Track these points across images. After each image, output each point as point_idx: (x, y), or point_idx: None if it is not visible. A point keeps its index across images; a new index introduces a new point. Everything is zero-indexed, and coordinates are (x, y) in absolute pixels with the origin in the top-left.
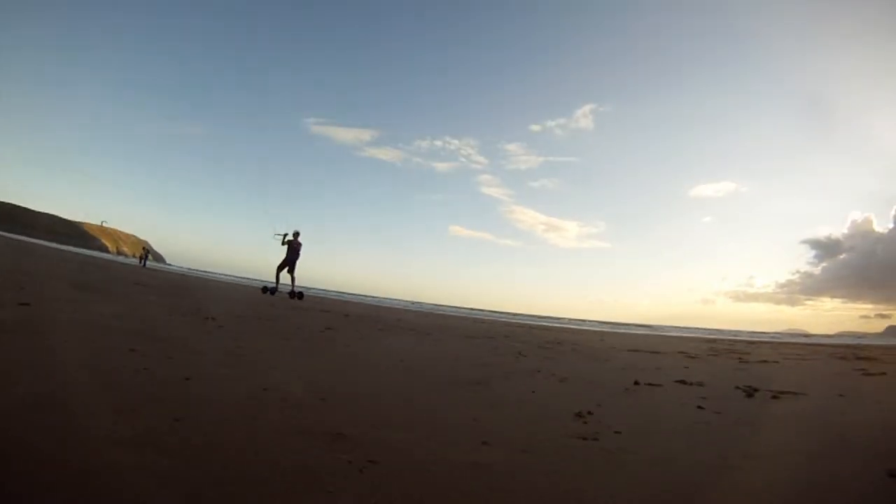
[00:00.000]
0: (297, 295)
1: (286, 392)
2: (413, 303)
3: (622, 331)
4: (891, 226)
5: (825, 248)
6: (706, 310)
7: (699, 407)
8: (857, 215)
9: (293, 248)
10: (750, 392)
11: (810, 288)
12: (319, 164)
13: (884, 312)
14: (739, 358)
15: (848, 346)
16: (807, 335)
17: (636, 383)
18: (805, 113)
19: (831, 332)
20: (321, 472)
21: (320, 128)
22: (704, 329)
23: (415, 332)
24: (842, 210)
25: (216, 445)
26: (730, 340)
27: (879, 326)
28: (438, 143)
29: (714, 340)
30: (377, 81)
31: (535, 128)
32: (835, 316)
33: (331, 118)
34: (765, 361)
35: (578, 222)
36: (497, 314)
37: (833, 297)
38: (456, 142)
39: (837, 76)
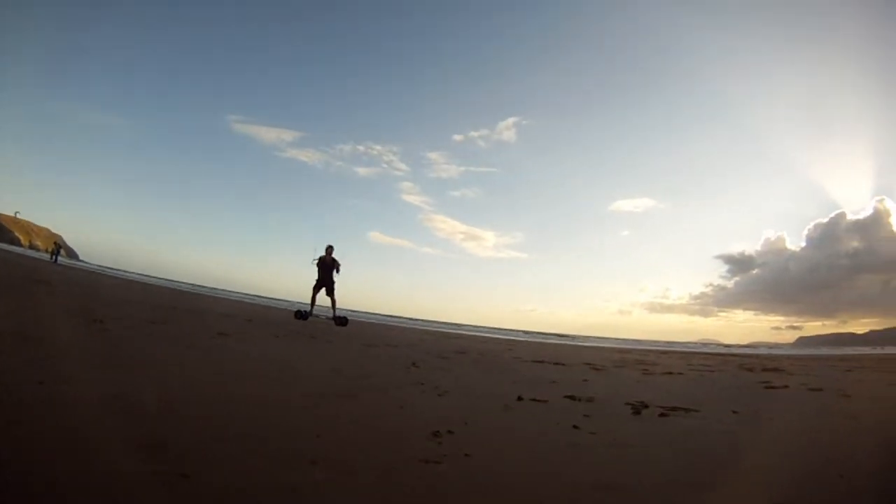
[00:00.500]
0: (339, 320)
1: (136, 399)
2: (327, 308)
3: (538, 340)
4: (803, 244)
5: (739, 264)
6: (623, 320)
7: (575, 427)
8: (770, 233)
9: (325, 266)
10: (638, 409)
11: (723, 300)
12: (239, 162)
13: (795, 324)
14: (645, 370)
15: (759, 357)
16: (725, 345)
17: (519, 399)
18: (724, 134)
19: (744, 342)
20: (125, 483)
21: (242, 126)
22: (622, 339)
23: (315, 338)
24: (756, 228)
25: (25, 451)
26: (643, 351)
27: (791, 337)
28: (361, 147)
29: (627, 351)
30: (303, 81)
31: (458, 137)
32: (747, 327)
33: (253, 116)
34: (669, 373)
35: (496, 232)
36: (414, 322)
37: (745, 309)
38: (379, 147)
39: (756, 101)
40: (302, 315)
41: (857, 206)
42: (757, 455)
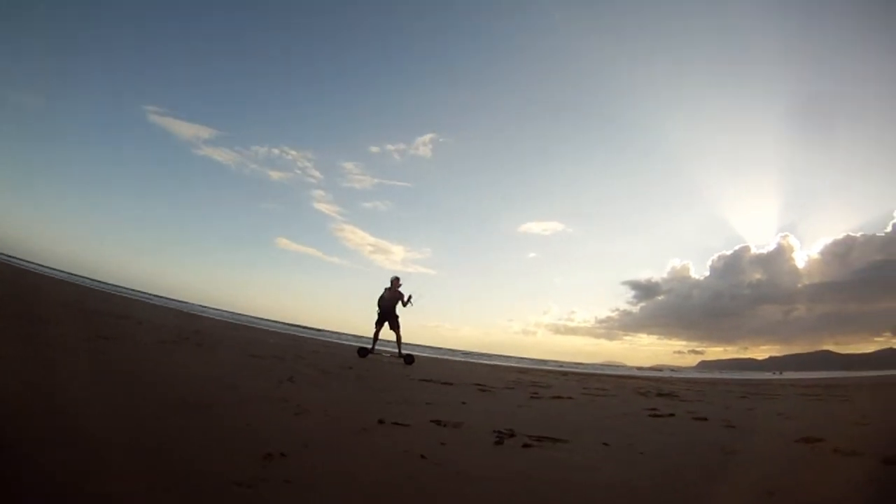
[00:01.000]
0: (406, 358)
1: None
2: (231, 313)
3: (439, 356)
4: (707, 274)
5: (645, 290)
6: (527, 340)
7: (422, 456)
8: (676, 262)
9: (383, 300)
10: (503, 438)
11: (628, 324)
12: (151, 155)
13: (697, 349)
14: (534, 393)
15: (658, 380)
16: (637, 367)
17: (381, 422)
18: (637, 165)
19: (647, 364)
20: None
21: (159, 118)
22: (527, 359)
23: (202, 346)
24: (663, 256)
25: None
26: (544, 372)
27: (693, 361)
28: (276, 151)
29: (527, 371)
30: (225, 78)
31: (374, 149)
32: (651, 350)
33: (172, 109)
34: (559, 397)
35: (405, 246)
36: (318, 333)
37: (650, 333)
38: (294, 152)
39: (671, 136)
40: (363, 353)
41: (762, 241)
42: (603, 496)
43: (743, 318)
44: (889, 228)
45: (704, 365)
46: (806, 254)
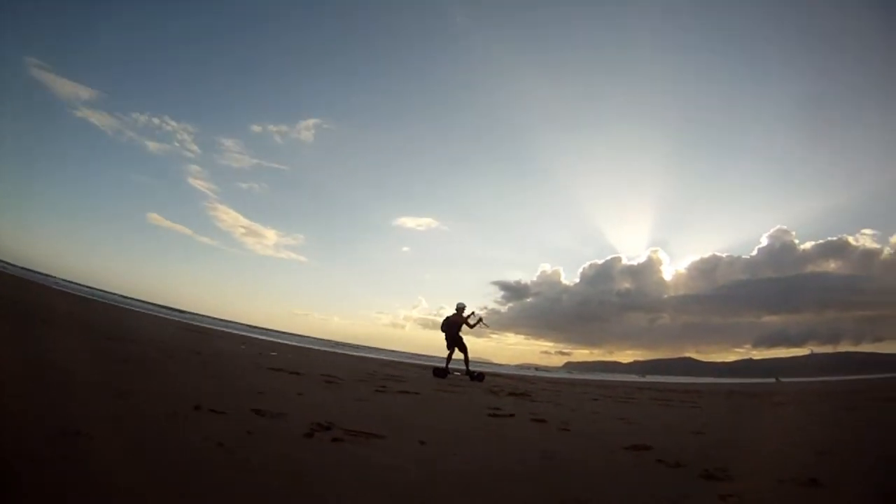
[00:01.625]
0: (474, 376)
1: None
2: (92, 289)
3: (305, 345)
4: (577, 280)
5: (514, 291)
6: (395, 333)
7: (220, 444)
8: (547, 266)
9: (447, 325)
10: (314, 431)
11: (496, 323)
12: (26, 112)
13: (564, 350)
14: (382, 387)
15: (518, 379)
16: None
17: (196, 408)
18: (517, 170)
19: (514, 363)
20: None
21: (41, 72)
22: (398, 352)
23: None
24: (534, 260)
25: None
26: (407, 365)
27: (559, 361)
28: (157, 120)
29: (388, 364)
30: (113, 36)
31: (256, 128)
32: (518, 349)
33: (54, 64)
34: (406, 392)
35: (279, 231)
36: (182, 315)
37: (517, 333)
38: (174, 123)
39: (550, 147)
40: (438, 373)
41: (633, 254)
42: (374, 496)
43: (610, 324)
44: (754, 252)
45: (571, 366)
46: (674, 268)
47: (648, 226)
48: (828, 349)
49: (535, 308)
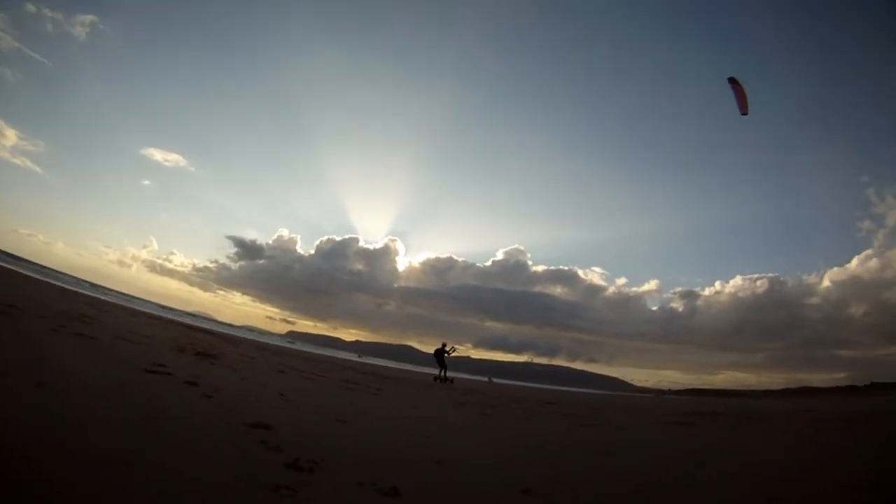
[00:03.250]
0: (446, 380)
1: None
2: None
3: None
4: (312, 252)
5: (248, 250)
6: (121, 273)
7: None
8: (286, 232)
9: (437, 352)
10: None
11: (225, 280)
12: None
13: (289, 319)
14: (61, 326)
15: (225, 338)
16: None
17: None
18: (276, 131)
19: (238, 323)
20: None
21: None
22: (116, 292)
23: None
24: (274, 223)
25: None
26: (113, 305)
27: (283, 329)
28: None
29: (94, 304)
30: None
31: (31, 8)
32: (243, 310)
33: None
34: (80, 335)
35: (20, 132)
36: None
37: (245, 293)
38: None
39: (320, 120)
40: (436, 379)
41: (372, 238)
42: None
43: (338, 300)
44: (489, 263)
45: (293, 335)
46: (409, 260)
47: (392, 215)
48: (544, 360)
49: (267, 271)
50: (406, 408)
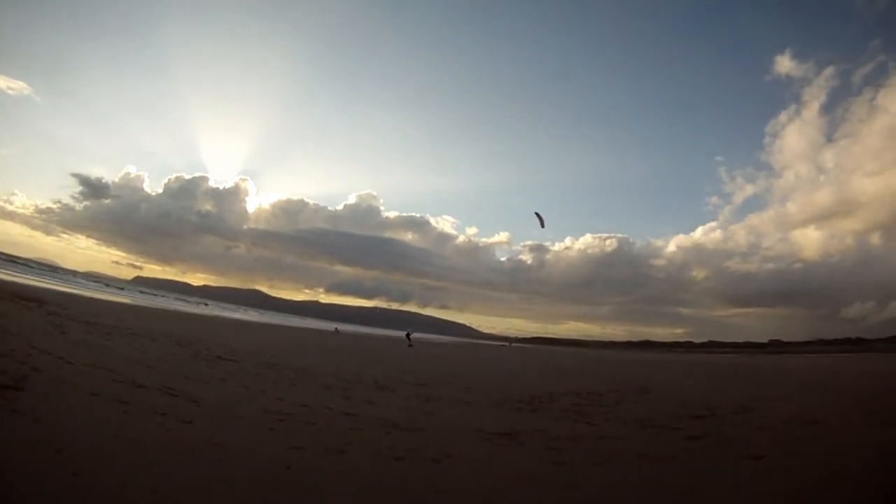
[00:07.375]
0: (410, 343)
1: None
2: None
3: None
4: (160, 191)
5: (93, 188)
6: None
7: None
8: (133, 169)
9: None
10: None
11: (69, 222)
12: None
13: (136, 263)
14: None
15: (55, 294)
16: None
17: None
18: (132, 56)
19: (82, 269)
20: None
21: None
22: None
23: None
24: (121, 159)
25: None
26: None
27: (130, 275)
28: None
29: None
30: None
31: None
32: (88, 256)
33: None
34: None
35: None
36: None
37: (89, 237)
38: None
39: (177, 47)
40: (408, 343)
41: (222, 178)
42: None
43: (186, 243)
44: (341, 207)
45: (140, 281)
46: (259, 201)
47: (245, 153)
48: (395, 306)
49: (113, 212)
50: None
